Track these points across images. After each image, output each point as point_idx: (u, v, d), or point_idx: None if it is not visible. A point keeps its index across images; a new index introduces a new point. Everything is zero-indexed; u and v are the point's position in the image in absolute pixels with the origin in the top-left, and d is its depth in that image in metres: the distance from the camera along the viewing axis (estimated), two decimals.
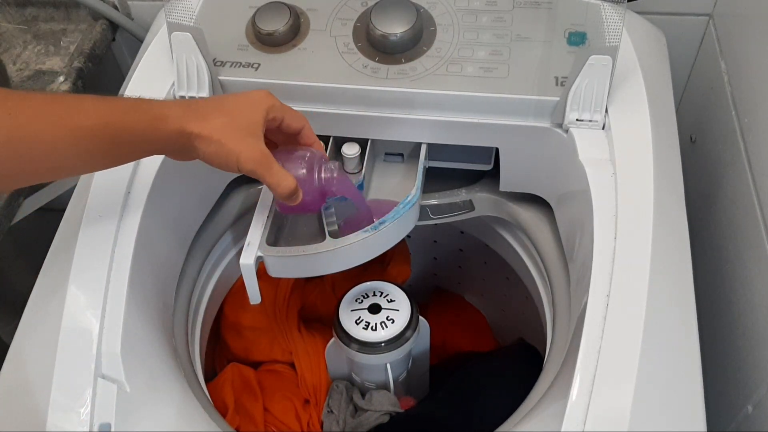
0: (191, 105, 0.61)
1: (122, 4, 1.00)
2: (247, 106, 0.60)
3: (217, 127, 0.58)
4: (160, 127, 0.57)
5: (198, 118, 0.58)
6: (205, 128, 0.58)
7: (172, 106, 0.59)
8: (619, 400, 0.53)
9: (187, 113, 0.58)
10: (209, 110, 0.59)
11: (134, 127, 0.57)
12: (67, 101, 0.56)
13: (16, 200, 0.83)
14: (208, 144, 0.58)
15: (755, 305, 0.71)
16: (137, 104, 0.58)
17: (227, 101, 0.61)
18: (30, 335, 0.61)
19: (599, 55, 0.66)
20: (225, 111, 0.59)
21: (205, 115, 0.59)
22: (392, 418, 0.80)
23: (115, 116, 0.56)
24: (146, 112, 0.57)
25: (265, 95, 0.62)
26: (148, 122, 0.57)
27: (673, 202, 0.66)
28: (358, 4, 0.76)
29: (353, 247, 0.68)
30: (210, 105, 0.60)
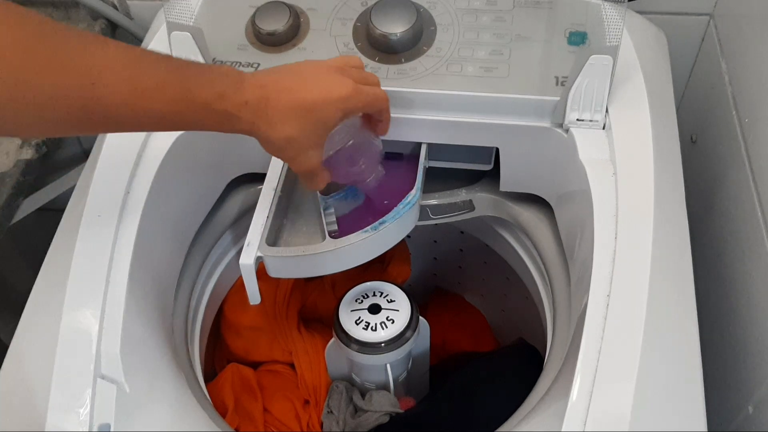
0: (265, 104, 0.57)
1: (121, 4, 1.00)
2: (327, 106, 0.58)
3: (284, 137, 0.58)
4: (228, 126, 0.57)
5: (269, 124, 0.57)
6: (273, 136, 0.58)
7: (243, 108, 0.56)
8: (619, 400, 0.53)
9: (258, 117, 0.57)
10: (283, 113, 0.57)
11: (203, 123, 0.57)
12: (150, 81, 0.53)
13: (16, 200, 0.83)
14: (269, 147, 0.60)
15: (755, 305, 0.71)
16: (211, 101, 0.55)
17: (307, 95, 0.58)
18: (30, 335, 0.61)
19: (600, 54, 0.66)
20: (300, 113, 0.58)
21: (279, 120, 0.57)
22: (392, 418, 0.80)
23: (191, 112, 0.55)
24: (216, 110, 0.56)
25: (349, 93, 0.59)
26: (216, 121, 0.57)
27: (674, 201, 0.66)
28: (357, 4, 0.76)
29: (353, 247, 0.68)
30: (285, 101, 0.57)
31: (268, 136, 0.58)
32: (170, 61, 0.56)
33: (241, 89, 0.56)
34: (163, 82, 0.53)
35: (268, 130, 0.58)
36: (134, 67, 0.53)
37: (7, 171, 0.82)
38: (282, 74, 0.60)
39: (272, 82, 0.58)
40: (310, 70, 0.60)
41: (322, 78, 0.59)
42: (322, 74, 0.60)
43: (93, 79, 0.50)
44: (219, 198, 0.80)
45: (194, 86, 0.55)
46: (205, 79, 0.55)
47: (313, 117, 0.58)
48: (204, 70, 0.57)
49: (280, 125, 0.58)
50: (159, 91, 0.53)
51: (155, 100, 0.53)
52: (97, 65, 0.51)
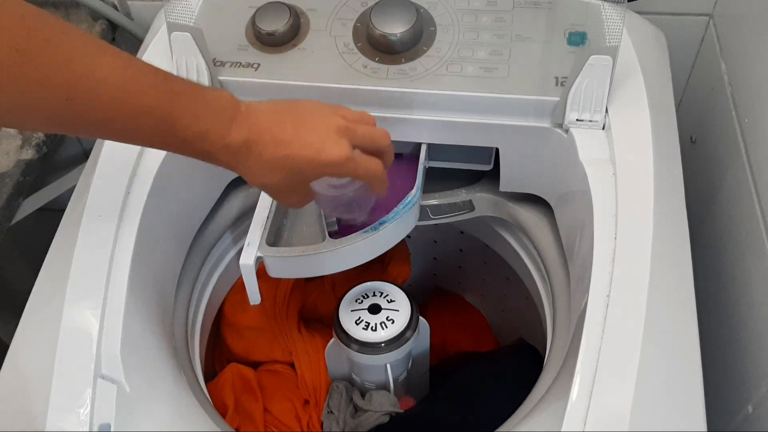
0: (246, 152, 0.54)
1: (122, 4, 1.00)
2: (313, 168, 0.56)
3: (261, 184, 0.57)
4: (208, 161, 0.56)
5: (247, 171, 0.56)
6: (251, 180, 0.57)
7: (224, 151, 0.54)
8: (619, 400, 0.53)
9: (237, 162, 0.55)
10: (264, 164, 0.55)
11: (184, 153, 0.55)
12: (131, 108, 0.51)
13: (16, 200, 0.83)
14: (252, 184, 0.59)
15: (755, 305, 0.71)
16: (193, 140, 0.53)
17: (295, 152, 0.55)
18: (30, 335, 0.61)
19: (599, 55, 0.66)
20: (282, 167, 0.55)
21: (258, 170, 0.55)
22: (392, 418, 0.80)
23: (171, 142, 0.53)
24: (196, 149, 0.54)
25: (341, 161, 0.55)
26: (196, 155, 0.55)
27: (674, 202, 0.66)
28: (358, 4, 0.76)
29: (353, 247, 0.68)
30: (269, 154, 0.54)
31: (246, 178, 0.57)
32: (165, 82, 0.53)
33: (227, 130, 0.53)
34: (150, 108, 0.51)
35: (246, 174, 0.57)
36: (123, 85, 0.50)
37: (7, 171, 0.82)
38: (277, 117, 0.56)
39: (262, 128, 0.54)
40: (312, 120, 0.56)
41: (318, 135, 0.55)
42: (320, 131, 0.55)
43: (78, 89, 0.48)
44: (219, 198, 0.80)
45: (179, 119, 0.52)
46: (193, 113, 0.52)
47: (293, 174, 0.56)
48: (196, 99, 0.53)
49: (259, 174, 0.56)
50: (143, 117, 0.51)
51: (139, 125, 0.52)
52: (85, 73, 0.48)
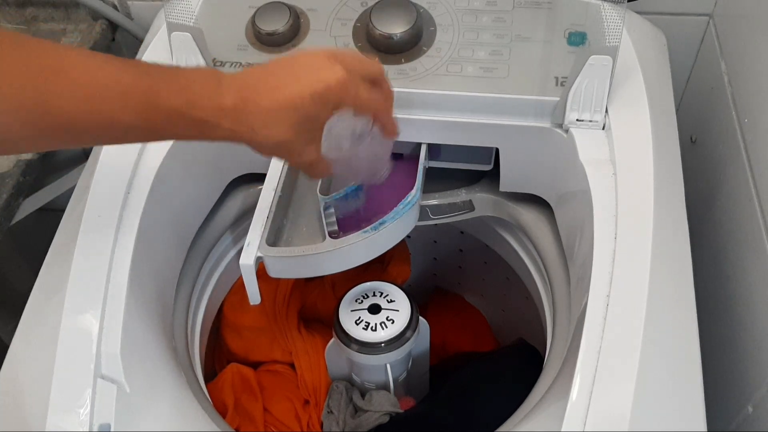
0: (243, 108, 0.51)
1: (122, 4, 1.00)
2: (312, 101, 0.52)
3: (271, 142, 0.53)
4: (205, 134, 0.52)
5: (251, 130, 0.52)
6: (258, 141, 0.53)
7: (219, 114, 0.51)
8: (619, 400, 0.53)
9: (238, 123, 0.51)
10: (265, 116, 0.51)
11: (176, 133, 0.52)
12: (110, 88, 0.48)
13: (16, 200, 0.83)
14: (259, 151, 0.55)
15: (755, 305, 0.71)
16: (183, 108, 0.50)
17: (290, 91, 0.51)
18: (30, 335, 0.61)
19: (599, 55, 0.66)
20: (283, 113, 0.51)
21: (262, 124, 0.51)
22: (392, 418, 0.80)
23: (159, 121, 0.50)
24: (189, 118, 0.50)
25: (338, 83, 0.52)
26: (191, 130, 0.51)
27: (673, 202, 0.66)
28: (357, 4, 0.76)
29: (353, 247, 0.68)
30: (267, 103, 0.51)
31: (252, 141, 0.53)
32: (138, 66, 0.51)
33: (217, 93, 0.51)
34: (127, 89, 0.48)
35: (252, 136, 0.52)
36: (95, 74, 0.48)
37: (7, 171, 0.82)
38: (267, 70, 0.53)
39: (253, 82, 0.52)
40: (301, 60, 0.53)
41: (310, 67, 0.52)
42: (311, 63, 0.53)
43: (50, 88, 0.46)
44: (219, 198, 0.80)
45: (163, 93, 0.49)
46: (176, 85, 0.50)
47: (298, 115, 0.52)
48: (176, 75, 0.51)
49: (264, 130, 0.52)
50: (122, 99, 0.48)
51: (118, 110, 0.48)
52: (54, 73, 0.47)
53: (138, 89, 0.49)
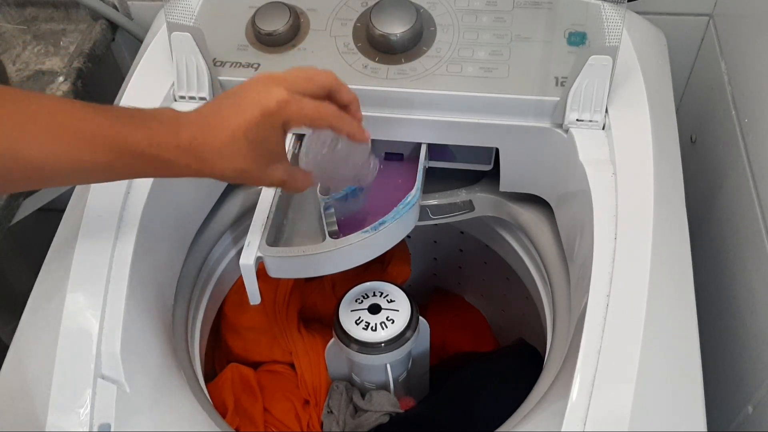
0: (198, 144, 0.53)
1: (122, 4, 1.00)
2: (258, 125, 0.53)
3: (230, 171, 0.55)
4: (167, 172, 0.55)
5: (207, 164, 0.54)
6: (218, 173, 0.55)
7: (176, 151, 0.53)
8: (619, 400, 0.53)
9: (195, 159, 0.54)
10: (218, 148, 0.53)
11: (140, 171, 0.55)
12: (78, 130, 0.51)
13: (16, 200, 0.83)
14: (224, 180, 0.58)
15: (755, 305, 0.71)
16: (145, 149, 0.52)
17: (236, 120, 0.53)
18: (30, 335, 0.61)
19: (599, 55, 0.66)
20: (235, 142, 0.53)
21: (217, 157, 0.54)
22: (392, 418, 0.80)
23: (124, 161, 0.52)
24: (150, 157, 0.53)
25: (277, 104, 0.54)
26: (153, 168, 0.54)
27: (674, 202, 0.66)
28: (358, 4, 0.76)
29: (353, 247, 0.68)
30: (218, 135, 0.53)
31: (214, 175, 0.55)
32: (106, 111, 0.54)
33: (175, 132, 0.53)
34: (95, 131, 0.51)
35: (212, 170, 0.54)
36: (64, 119, 0.51)
37: None
38: (216, 105, 0.56)
39: (205, 118, 0.54)
40: (244, 89, 0.56)
41: (251, 95, 0.54)
42: (252, 90, 0.55)
43: (17, 130, 0.49)
44: (219, 198, 0.80)
45: (127, 135, 0.52)
46: (139, 126, 0.53)
47: (250, 142, 0.54)
48: (139, 117, 0.54)
49: (221, 162, 0.54)
50: (90, 143, 0.51)
51: (86, 152, 0.51)
52: (25, 119, 0.49)
53: (105, 132, 0.51)
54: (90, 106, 0.53)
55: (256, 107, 0.53)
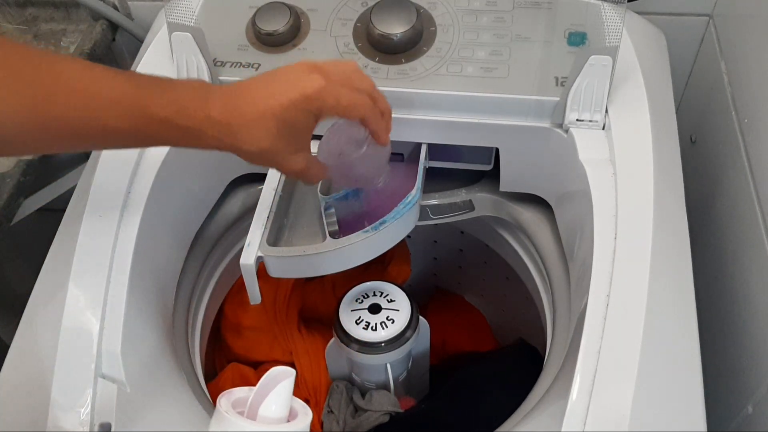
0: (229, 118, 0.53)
1: (122, 4, 1.00)
2: (292, 108, 0.54)
3: (256, 150, 0.55)
4: (193, 142, 0.55)
5: (236, 139, 0.54)
6: (244, 149, 0.55)
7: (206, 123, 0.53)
8: (619, 400, 0.53)
9: (223, 132, 0.53)
10: (249, 125, 0.53)
11: (167, 139, 0.55)
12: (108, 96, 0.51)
13: (16, 200, 0.83)
14: (246, 159, 0.57)
15: (755, 305, 0.71)
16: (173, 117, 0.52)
17: (272, 100, 0.53)
18: (30, 335, 0.61)
19: (599, 55, 0.66)
20: (266, 121, 0.53)
21: (247, 133, 0.54)
22: (392, 418, 0.80)
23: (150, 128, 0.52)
24: (178, 126, 0.53)
25: (316, 91, 0.54)
26: (180, 138, 0.54)
27: (673, 202, 0.66)
28: (358, 4, 0.76)
29: (353, 247, 0.68)
30: (250, 112, 0.53)
31: (238, 150, 0.55)
32: (131, 76, 0.54)
33: (205, 103, 0.53)
34: (121, 97, 0.51)
35: (238, 144, 0.54)
36: (90, 82, 0.51)
37: (7, 171, 0.82)
38: (251, 83, 0.56)
39: (238, 94, 0.55)
40: (282, 72, 0.56)
41: (290, 78, 0.55)
42: (291, 74, 0.55)
43: (47, 93, 0.49)
44: (220, 198, 0.80)
45: (154, 101, 0.52)
46: (168, 95, 0.53)
47: (281, 123, 0.54)
48: (168, 86, 0.54)
49: (249, 138, 0.54)
50: (116, 108, 0.51)
51: (112, 117, 0.51)
52: (51, 80, 0.50)
53: (131, 98, 0.52)
54: (116, 71, 0.53)
55: (295, 90, 0.54)
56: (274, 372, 0.40)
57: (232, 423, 0.38)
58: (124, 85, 0.52)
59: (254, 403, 0.40)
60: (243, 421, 0.38)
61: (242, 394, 0.40)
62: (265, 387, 0.40)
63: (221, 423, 0.38)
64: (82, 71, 0.51)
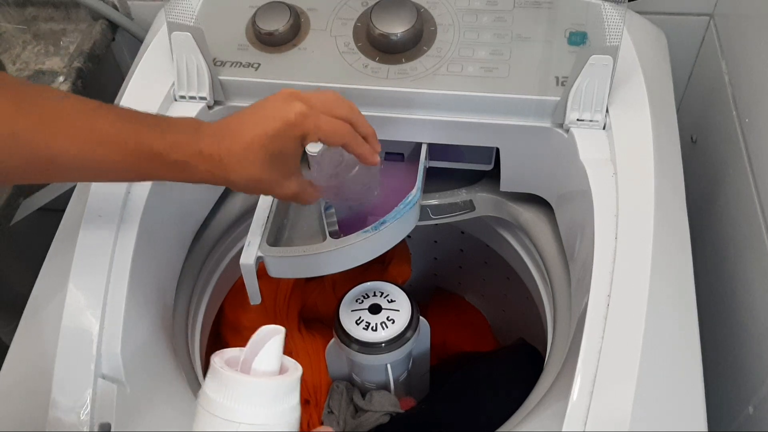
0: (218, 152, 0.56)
1: (122, 4, 1.00)
2: (277, 136, 0.56)
3: (246, 179, 0.57)
4: (185, 176, 0.57)
5: (226, 171, 0.56)
6: (235, 180, 0.57)
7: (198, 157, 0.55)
8: (620, 400, 0.53)
9: (214, 165, 0.56)
10: (238, 157, 0.56)
11: (159, 174, 0.57)
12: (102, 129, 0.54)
13: (16, 200, 0.83)
14: (239, 189, 0.60)
15: (755, 305, 0.71)
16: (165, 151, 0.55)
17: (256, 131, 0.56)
18: (30, 335, 0.61)
19: (600, 54, 0.66)
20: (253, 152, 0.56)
21: (237, 164, 0.56)
22: (393, 418, 0.80)
23: (144, 163, 0.55)
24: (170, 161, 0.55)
25: (295, 118, 0.56)
26: (172, 172, 0.56)
27: (674, 202, 0.66)
28: (358, 4, 0.76)
29: (353, 247, 0.68)
30: (238, 145, 0.56)
31: (230, 181, 0.57)
32: (126, 112, 0.56)
33: (196, 139, 0.56)
34: (118, 132, 0.54)
35: (229, 176, 0.57)
36: (89, 118, 0.53)
37: None
38: (237, 116, 0.58)
39: (225, 128, 0.57)
40: (264, 103, 0.58)
41: (272, 107, 0.57)
42: (274, 103, 0.57)
43: (45, 126, 0.51)
44: (220, 198, 0.80)
45: (148, 136, 0.54)
46: (160, 130, 0.55)
47: (268, 152, 0.56)
48: (160, 121, 0.57)
49: (239, 169, 0.56)
50: (114, 142, 0.53)
51: (109, 151, 0.53)
52: (49, 112, 0.52)
53: (127, 133, 0.54)
54: (111, 107, 0.56)
55: (278, 118, 0.56)
56: (263, 331, 0.42)
57: (228, 378, 0.39)
58: (122, 121, 0.54)
59: (247, 359, 0.41)
60: (239, 375, 0.39)
61: (234, 353, 0.42)
62: (257, 344, 0.42)
63: (217, 378, 0.40)
64: (82, 108, 0.54)
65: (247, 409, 0.40)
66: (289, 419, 0.42)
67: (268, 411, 0.40)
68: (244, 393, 0.40)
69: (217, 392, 0.40)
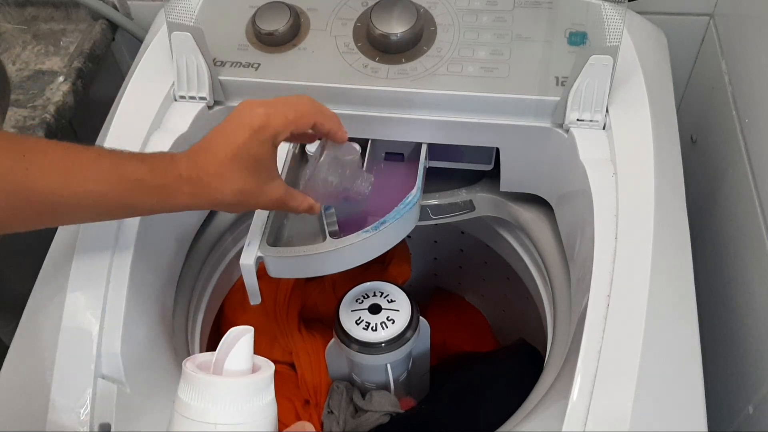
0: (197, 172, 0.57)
1: (122, 4, 1.00)
2: (248, 144, 0.57)
3: (230, 194, 0.58)
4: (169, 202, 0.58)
5: (209, 189, 0.57)
6: (219, 198, 0.58)
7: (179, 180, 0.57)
8: (619, 400, 0.53)
9: (196, 186, 0.57)
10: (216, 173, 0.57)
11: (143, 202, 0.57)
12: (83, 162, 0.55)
13: None
14: (224, 208, 0.62)
15: (755, 305, 0.71)
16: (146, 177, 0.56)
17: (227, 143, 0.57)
18: (30, 335, 0.61)
19: (600, 54, 0.66)
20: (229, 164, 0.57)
21: (217, 181, 0.57)
22: (393, 418, 0.80)
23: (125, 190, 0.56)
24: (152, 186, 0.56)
25: (261, 120, 0.57)
26: (155, 198, 0.57)
27: (674, 202, 0.66)
28: (358, 4, 0.76)
29: (353, 247, 0.68)
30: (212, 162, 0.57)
31: (215, 200, 0.58)
32: (104, 148, 0.58)
33: (174, 164, 0.57)
34: (97, 161, 0.55)
35: (212, 195, 0.58)
36: (67, 150, 0.55)
37: None
38: (209, 137, 0.59)
39: (199, 150, 0.58)
40: (230, 117, 0.59)
41: (238, 119, 0.58)
42: (239, 114, 0.58)
43: (27, 163, 0.52)
44: None
45: (129, 164, 0.56)
46: (138, 159, 0.57)
47: (243, 161, 0.57)
48: (136, 154, 0.59)
49: (220, 185, 0.57)
50: (93, 170, 0.54)
51: (90, 180, 0.54)
52: (30, 149, 0.53)
53: (108, 163, 0.55)
54: (90, 146, 0.57)
55: (244, 127, 0.57)
56: (232, 333, 0.43)
57: (200, 380, 0.40)
58: (100, 152, 0.56)
59: (218, 360, 0.42)
60: (210, 377, 0.40)
61: (206, 357, 0.42)
62: (227, 346, 0.42)
63: (190, 383, 0.40)
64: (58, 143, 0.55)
65: (222, 410, 0.40)
66: (264, 416, 0.42)
67: (243, 409, 0.41)
68: (216, 394, 0.40)
69: (191, 396, 0.41)
